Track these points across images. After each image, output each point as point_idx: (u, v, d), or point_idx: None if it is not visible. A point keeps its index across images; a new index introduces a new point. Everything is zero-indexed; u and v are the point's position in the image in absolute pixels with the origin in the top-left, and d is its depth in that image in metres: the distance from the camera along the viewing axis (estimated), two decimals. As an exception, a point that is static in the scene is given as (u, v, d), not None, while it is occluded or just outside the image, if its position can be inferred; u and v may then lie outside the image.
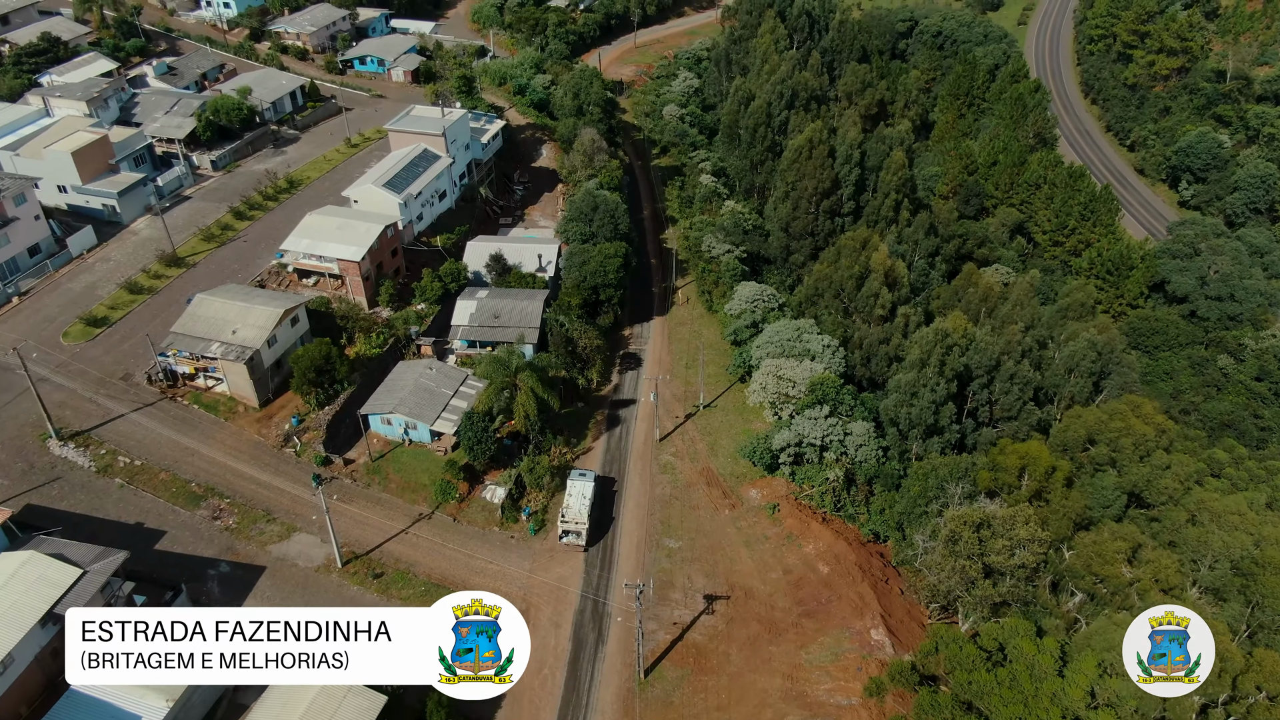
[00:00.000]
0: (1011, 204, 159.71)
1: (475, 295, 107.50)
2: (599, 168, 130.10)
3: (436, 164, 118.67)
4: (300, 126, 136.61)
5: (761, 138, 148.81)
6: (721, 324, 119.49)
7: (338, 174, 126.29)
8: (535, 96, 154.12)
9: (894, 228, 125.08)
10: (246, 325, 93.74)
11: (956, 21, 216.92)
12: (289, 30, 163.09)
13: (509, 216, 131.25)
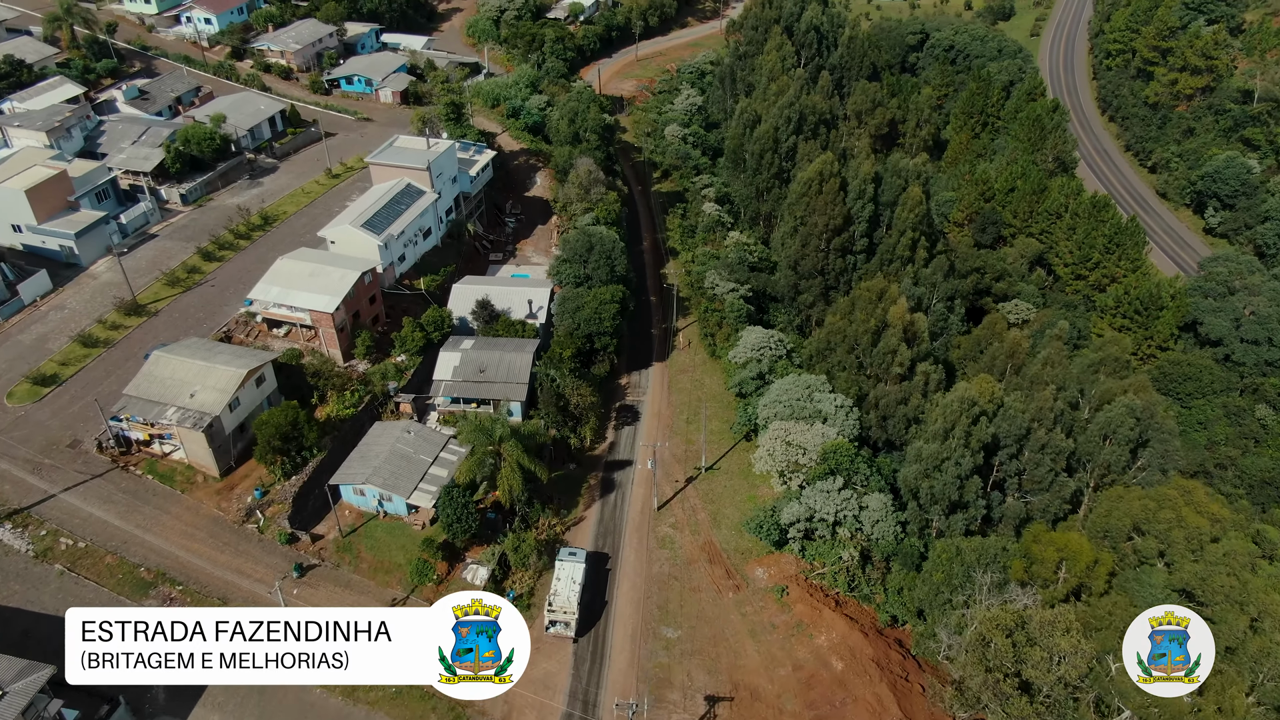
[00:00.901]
0: (1030, 233, 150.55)
1: (460, 346, 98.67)
2: (595, 200, 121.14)
3: (420, 200, 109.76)
4: (279, 155, 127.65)
5: (768, 164, 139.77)
6: (725, 372, 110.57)
7: (317, 208, 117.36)
8: (530, 119, 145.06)
9: (910, 268, 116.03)
10: (206, 387, 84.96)
11: (969, 35, 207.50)
12: (272, 48, 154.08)
13: (500, 252, 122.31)
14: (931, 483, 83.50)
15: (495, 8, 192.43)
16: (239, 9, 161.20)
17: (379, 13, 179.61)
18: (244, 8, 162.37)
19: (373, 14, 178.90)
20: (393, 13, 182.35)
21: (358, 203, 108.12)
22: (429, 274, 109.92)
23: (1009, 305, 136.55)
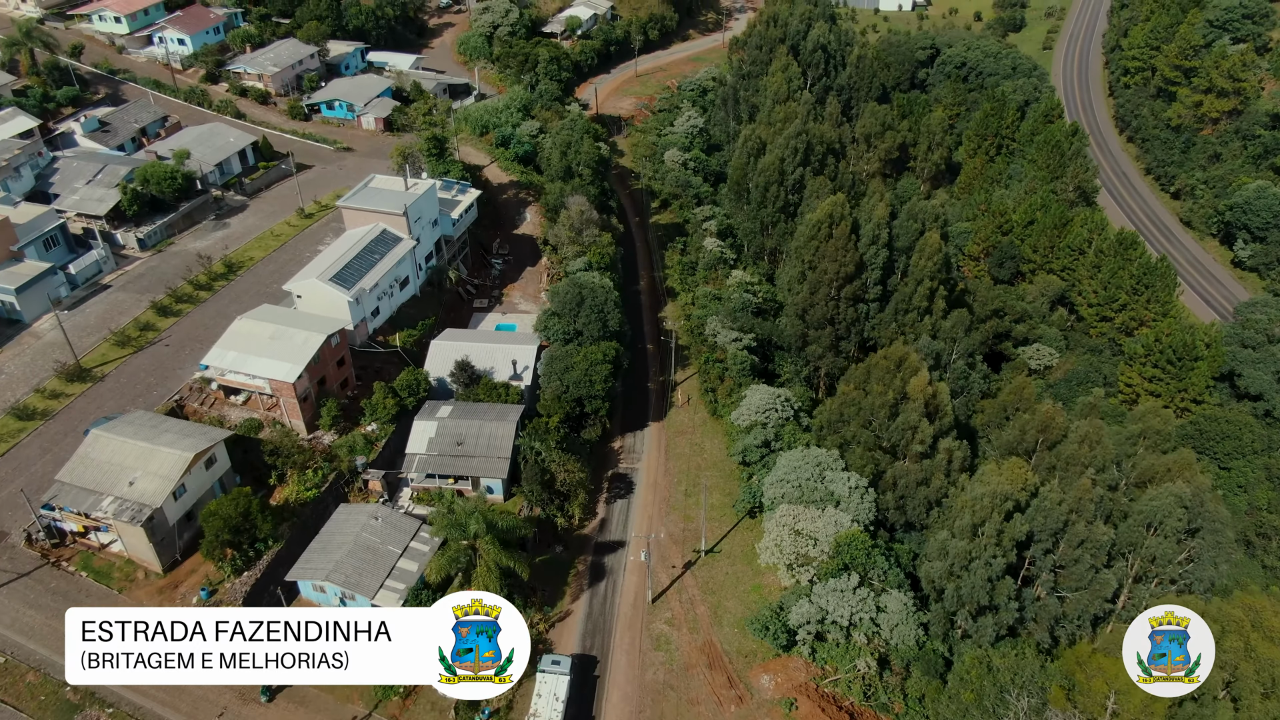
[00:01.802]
0: (1051, 270, 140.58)
1: (436, 414, 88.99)
2: (588, 243, 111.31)
3: (397, 248, 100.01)
4: (249, 191, 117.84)
5: (774, 197, 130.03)
6: (728, 437, 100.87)
7: (286, 253, 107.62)
8: (520, 149, 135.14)
9: (927, 319, 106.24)
10: (148, 473, 75.33)
11: (982, 52, 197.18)
12: (249, 71, 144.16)
13: (485, 299, 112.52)
14: (959, 584, 73.78)
15: (488, 24, 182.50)
16: (215, 29, 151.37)
17: (365, 30, 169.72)
18: (220, 27, 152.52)
19: (359, 32, 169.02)
20: (380, 30, 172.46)
21: (327, 252, 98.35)
22: (406, 328, 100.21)
23: (1030, 350, 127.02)
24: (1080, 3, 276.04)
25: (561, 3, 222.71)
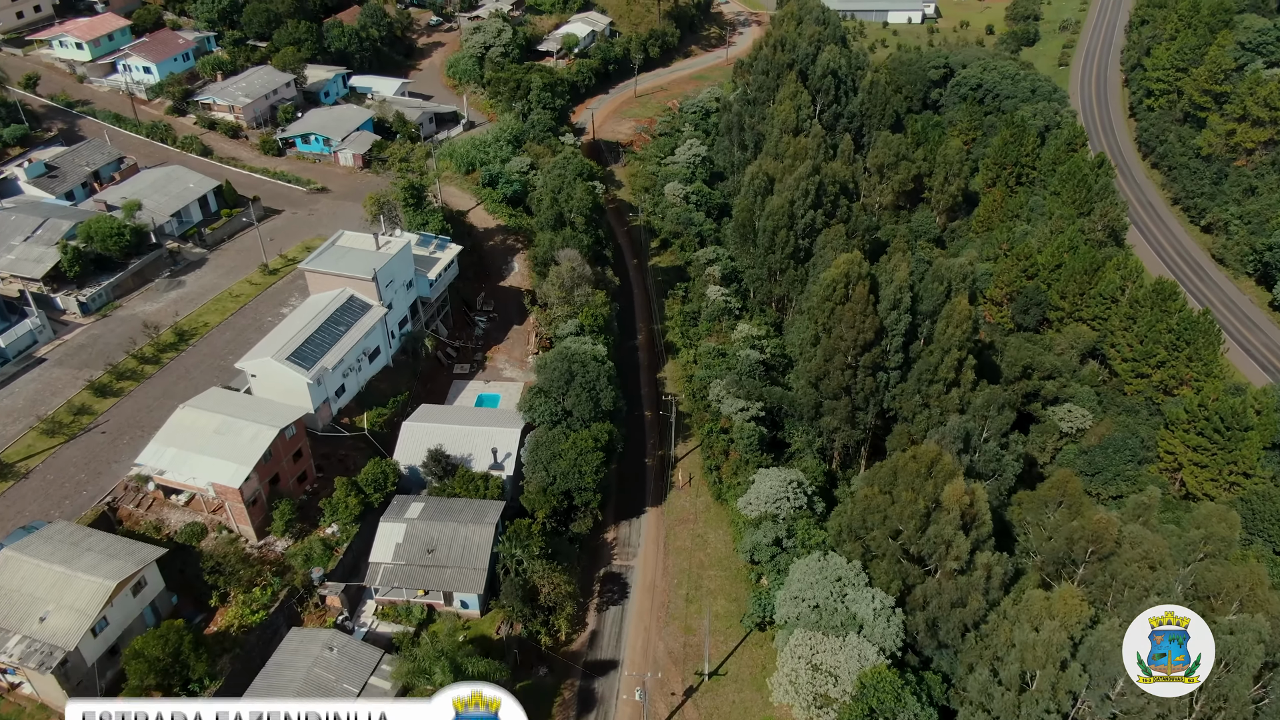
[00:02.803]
0: (1081, 318, 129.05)
1: (405, 513, 77.72)
2: (580, 304, 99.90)
3: (365, 317, 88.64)
4: (209, 243, 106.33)
5: (783, 242, 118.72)
6: (733, 527, 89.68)
7: (245, 317, 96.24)
8: (509, 189, 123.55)
9: (955, 391, 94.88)
10: (63, 607, 64.16)
11: (999, 73, 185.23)
12: (219, 102, 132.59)
13: (466, 363, 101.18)
14: (1005, 740, 62.58)
15: (479, 44, 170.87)
16: (184, 55, 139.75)
17: (348, 53, 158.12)
18: (190, 53, 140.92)
19: (341, 55, 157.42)
20: (364, 53, 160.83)
21: (287, 322, 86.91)
22: (375, 407, 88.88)
23: (1061, 410, 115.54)
24: (1095, 16, 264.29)
25: (558, 19, 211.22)
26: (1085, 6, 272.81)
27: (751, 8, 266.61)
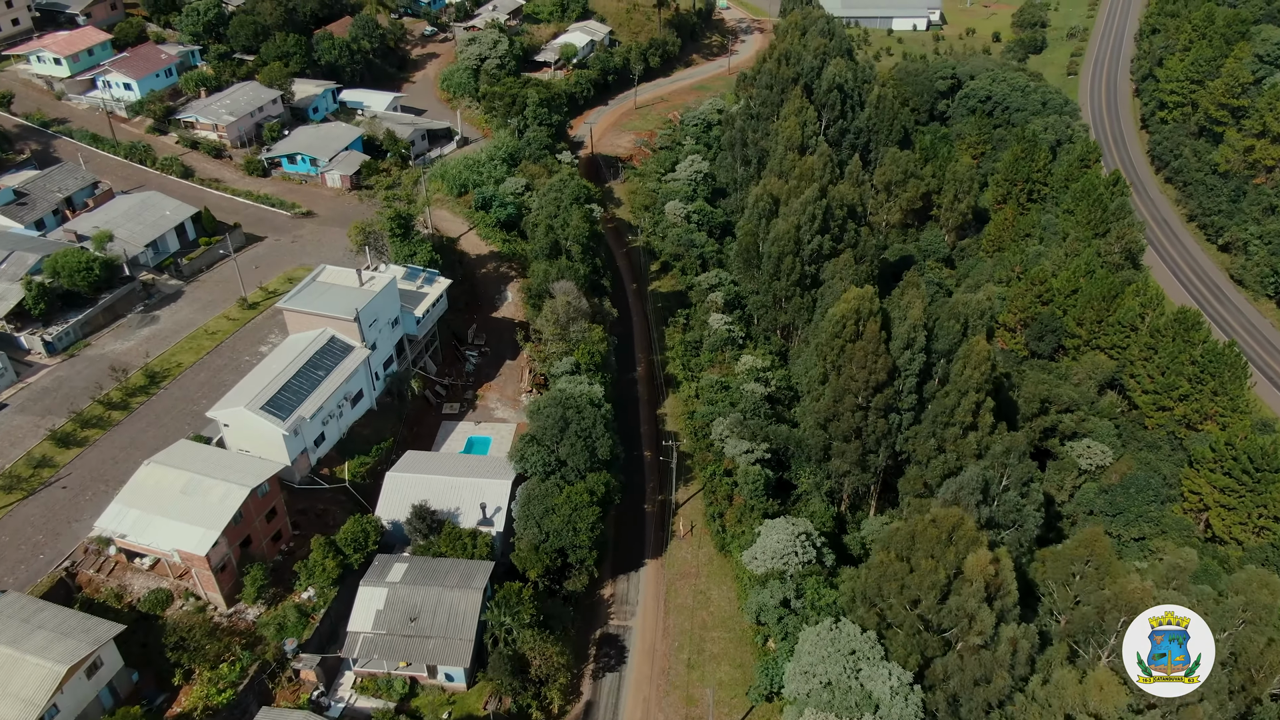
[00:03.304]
0: (1099, 346, 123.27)
1: (386, 576, 71.99)
2: (575, 341, 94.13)
3: (347, 360, 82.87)
4: (186, 273, 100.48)
5: (789, 269, 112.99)
6: (738, 582, 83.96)
7: (222, 356, 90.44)
8: (503, 213, 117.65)
9: (973, 435, 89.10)
10: (8, 694, 58.45)
11: (1008, 85, 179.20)
12: (201, 120, 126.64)
13: (456, 402, 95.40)
14: (1036, 842, 56.87)
15: (475, 56, 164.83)
16: (166, 71, 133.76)
17: (338, 66, 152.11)
18: (172, 69, 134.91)
19: (331, 69, 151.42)
20: (355, 66, 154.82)
21: (264, 365, 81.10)
22: (357, 455, 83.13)
23: (1080, 446, 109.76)
24: (1104, 23, 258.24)
25: (557, 28, 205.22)
26: (1093, 13, 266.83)
27: (754, 14, 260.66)
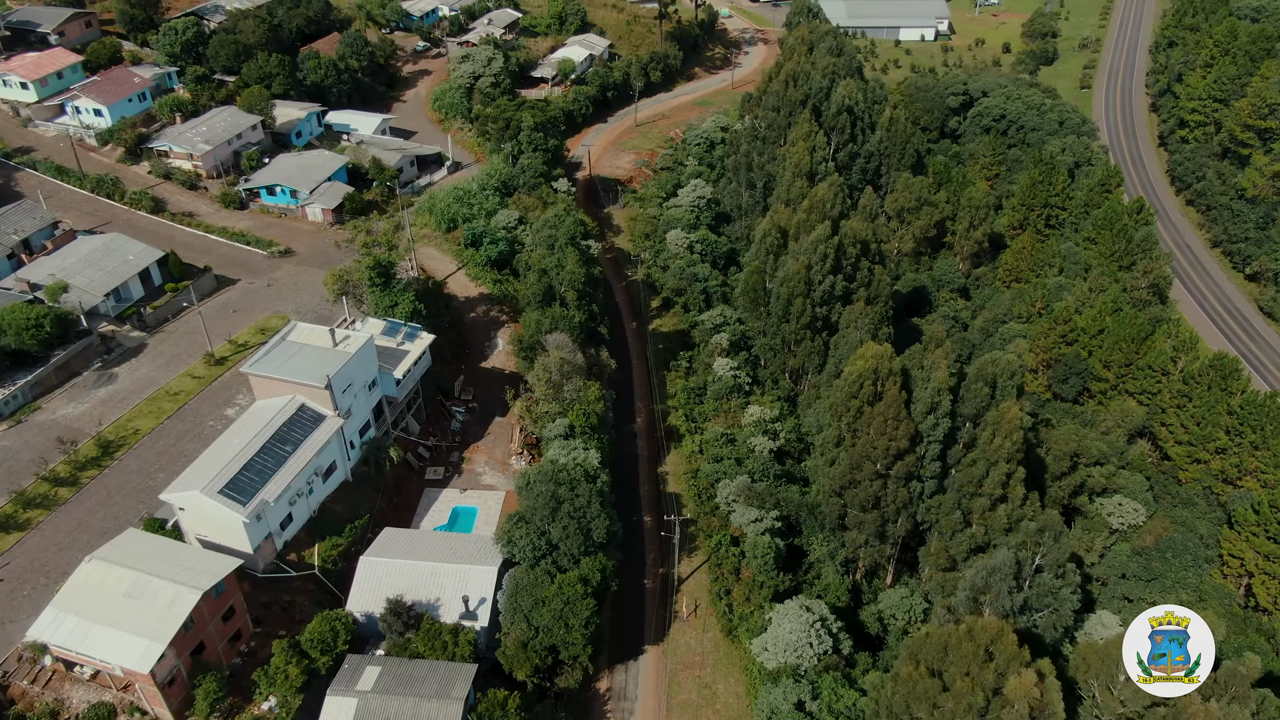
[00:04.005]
0: (1128, 391, 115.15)
1: (356, 683, 63.90)
2: (569, 401, 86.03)
3: (318, 432, 74.77)
4: (150, 324, 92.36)
5: (799, 311, 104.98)
6: (747, 675, 75.84)
7: (184, 421, 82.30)
8: (493, 252, 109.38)
9: (1002, 508, 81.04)
10: None
11: (1023, 103, 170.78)
12: (176, 149, 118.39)
13: (440, 465, 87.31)
14: None
15: (468, 74, 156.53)
16: (139, 95, 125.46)
17: (324, 87, 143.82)
18: (146, 93, 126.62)
19: (317, 90, 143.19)
20: (342, 86, 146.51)
21: (225, 439, 72.99)
22: (329, 536, 75.02)
23: (1110, 503, 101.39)
24: (1116, 34, 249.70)
25: (555, 41, 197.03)
26: (1105, 23, 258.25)
27: (757, 24, 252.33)
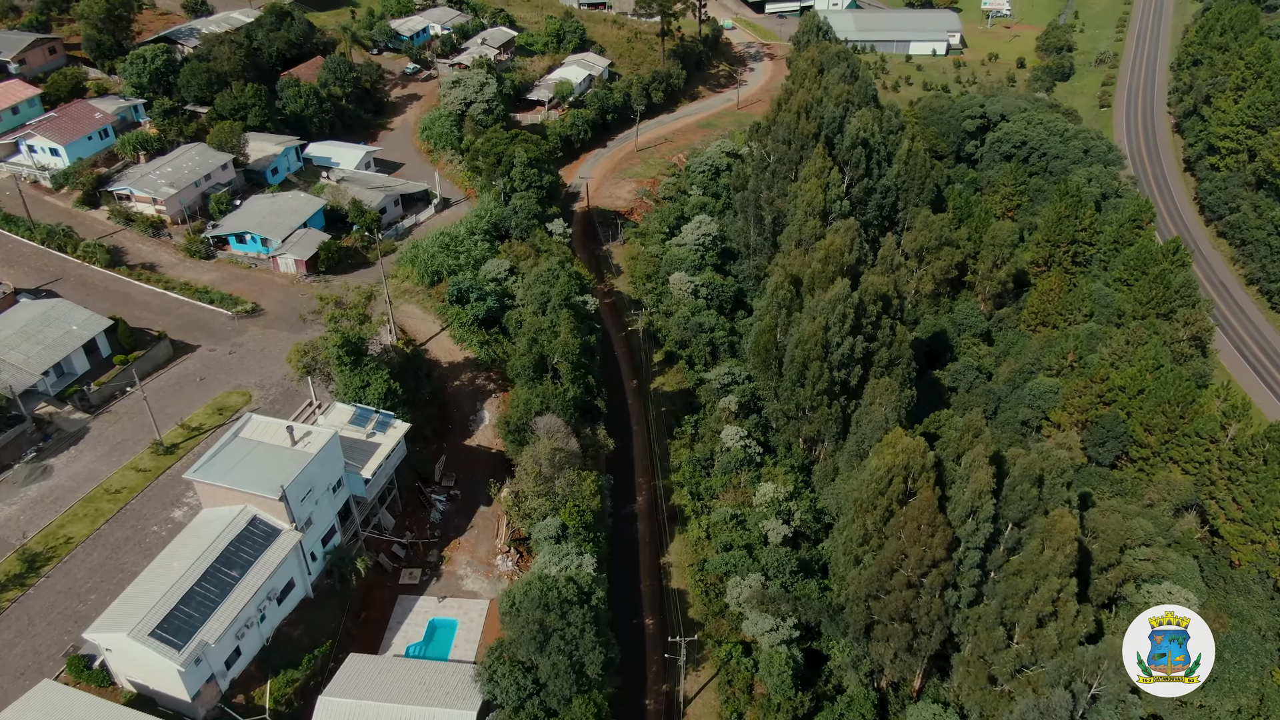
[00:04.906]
0: (1172, 458, 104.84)
1: None
2: (562, 499, 75.63)
3: (271, 549, 64.41)
4: (95, 402, 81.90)
5: (815, 376, 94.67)
6: (763, 829, 65.62)
7: (124, 525, 71.87)
8: (481, 309, 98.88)
9: (1052, 624, 70.72)
10: None
11: (1045, 129, 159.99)
12: (138, 192, 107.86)
13: (418, 567, 76.89)
14: None
15: (459, 100, 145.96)
16: (100, 132, 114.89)
17: (304, 117, 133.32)
18: (108, 129, 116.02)
19: (297, 120, 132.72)
20: (324, 115, 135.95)
21: (162, 561, 62.59)
22: (283, 670, 64.59)
23: (1159, 591, 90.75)
24: (1134, 48, 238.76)
25: (552, 60, 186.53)
26: (1121, 35, 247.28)
27: (762, 38, 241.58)
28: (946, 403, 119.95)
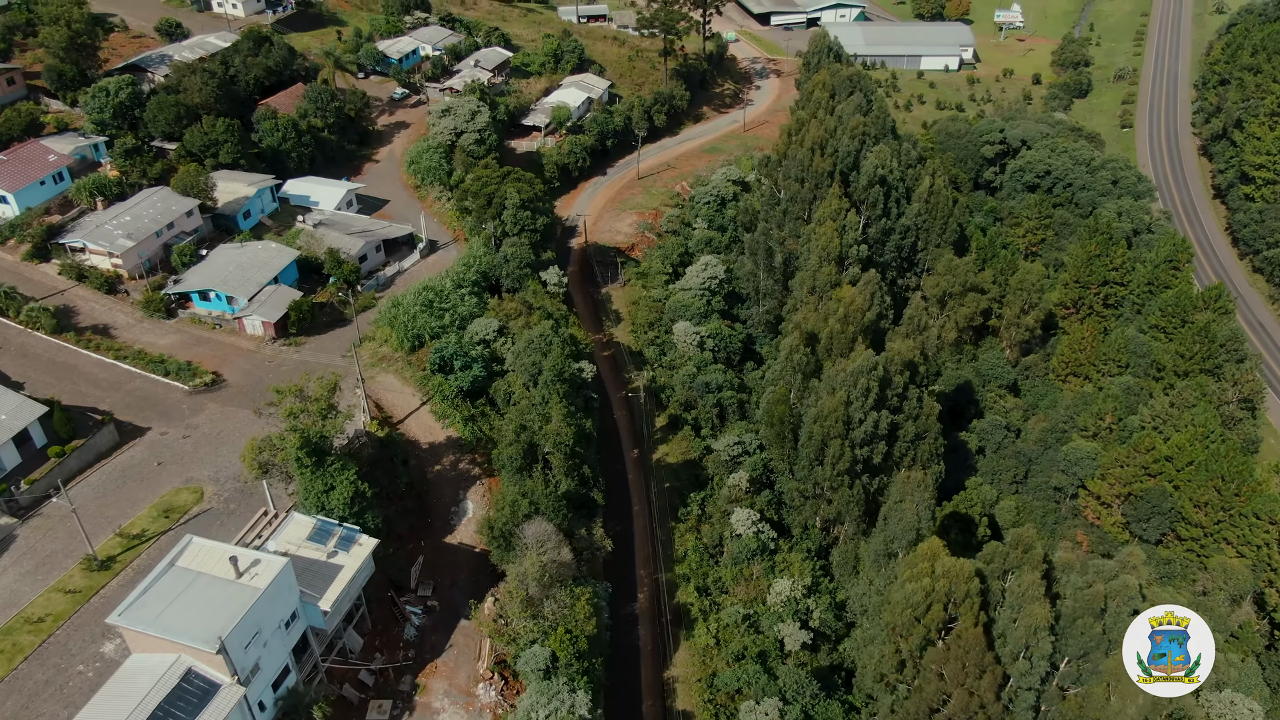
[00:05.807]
0: (1225, 539, 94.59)
1: None
2: (553, 623, 65.27)
3: (209, 709, 54.03)
4: (23, 504, 71.57)
5: (835, 455, 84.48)
6: None
7: (45, 664, 61.56)
8: (466, 380, 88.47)
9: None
10: None
11: (1071, 158, 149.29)
12: (92, 245, 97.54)
13: (387, 699, 66.56)
14: None
15: (448, 130, 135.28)
16: (54, 176, 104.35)
17: (282, 152, 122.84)
18: (63, 172, 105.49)
19: (273, 156, 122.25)
20: (303, 149, 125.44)
21: None
22: None
23: (1219, 701, 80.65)
24: (1153, 63, 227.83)
25: (550, 81, 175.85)
26: (1139, 49, 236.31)
27: (768, 53, 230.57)
28: (973, 467, 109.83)
